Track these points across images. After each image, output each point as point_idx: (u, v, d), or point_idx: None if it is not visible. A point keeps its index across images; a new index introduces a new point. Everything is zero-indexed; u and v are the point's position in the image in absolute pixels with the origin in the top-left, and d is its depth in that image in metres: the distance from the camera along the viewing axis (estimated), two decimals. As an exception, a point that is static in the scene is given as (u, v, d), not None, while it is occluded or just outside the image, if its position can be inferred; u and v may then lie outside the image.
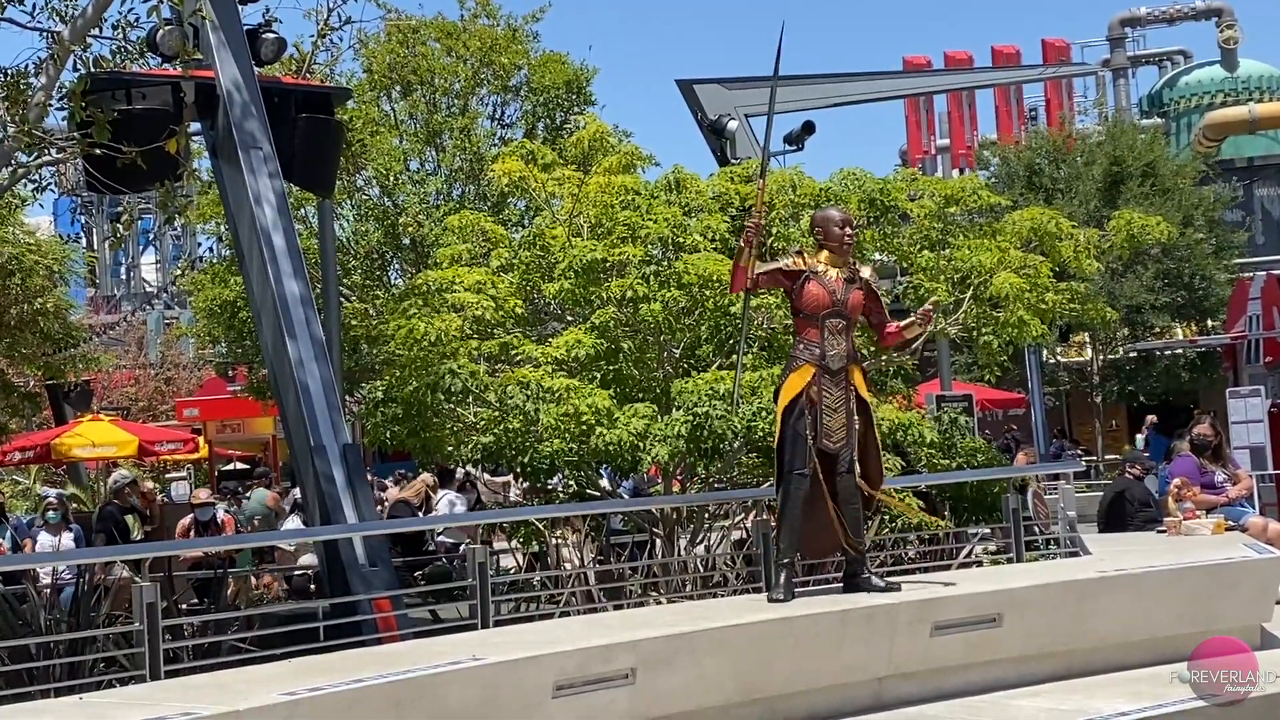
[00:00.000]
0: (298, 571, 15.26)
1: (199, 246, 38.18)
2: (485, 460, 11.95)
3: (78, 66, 10.73)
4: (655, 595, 10.20)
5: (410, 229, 18.95)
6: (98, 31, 10.83)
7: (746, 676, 7.17)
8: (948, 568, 10.60)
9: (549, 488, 12.05)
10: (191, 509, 16.95)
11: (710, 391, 10.70)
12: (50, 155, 11.99)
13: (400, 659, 6.48)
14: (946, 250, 12.73)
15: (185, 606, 12.57)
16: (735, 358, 9.55)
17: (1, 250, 19.21)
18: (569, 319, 12.34)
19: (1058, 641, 8.15)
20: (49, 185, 13.89)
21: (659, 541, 11.74)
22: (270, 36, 11.66)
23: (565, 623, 8.60)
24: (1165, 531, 10.98)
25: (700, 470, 11.65)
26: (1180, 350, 33.08)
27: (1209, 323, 32.77)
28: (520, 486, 15.24)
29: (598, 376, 11.43)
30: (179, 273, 39.76)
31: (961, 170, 45.18)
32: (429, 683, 6.12)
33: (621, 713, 6.70)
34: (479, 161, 19.47)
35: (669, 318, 11.39)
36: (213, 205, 17.53)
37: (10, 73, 10.56)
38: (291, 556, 15.92)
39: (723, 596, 9.74)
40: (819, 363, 7.88)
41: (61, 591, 12.32)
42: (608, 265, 11.40)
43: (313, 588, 14.13)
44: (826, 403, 7.86)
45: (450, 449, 12.40)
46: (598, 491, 11.99)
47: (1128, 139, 34.32)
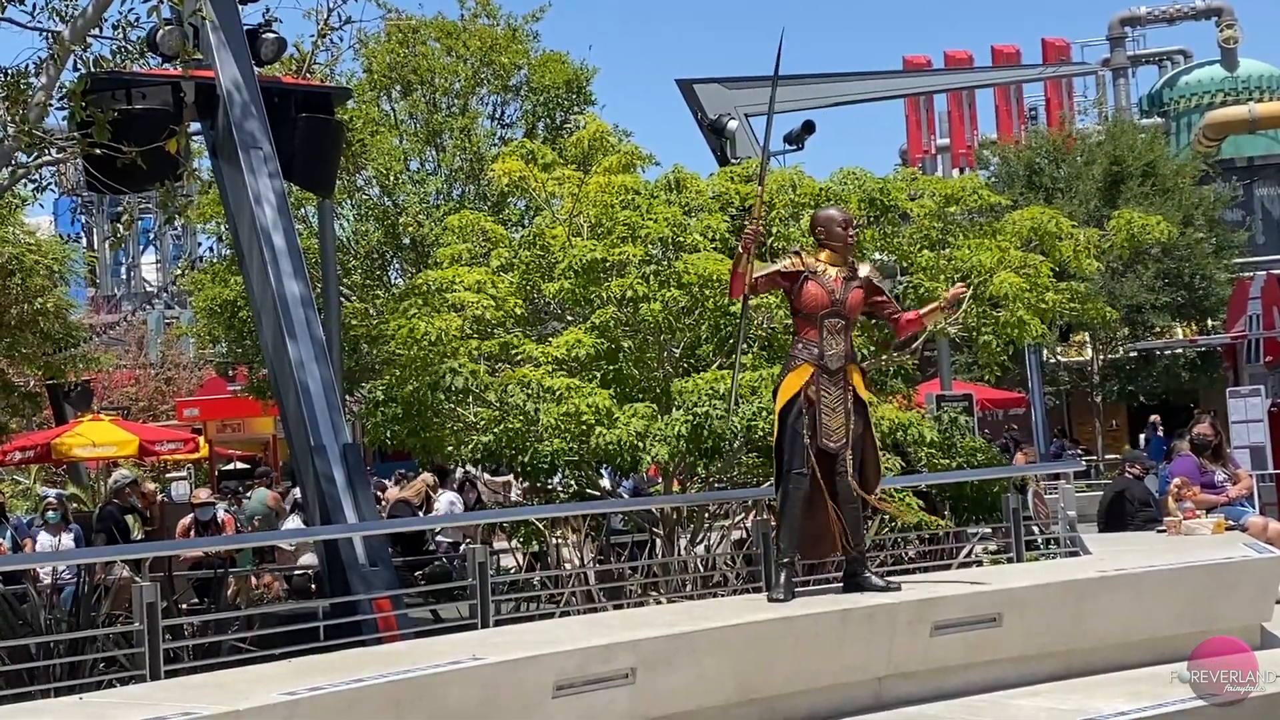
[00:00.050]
0: (298, 571, 15.26)
1: (199, 246, 38.29)
2: (485, 460, 11.94)
3: (78, 66, 10.73)
4: (655, 595, 10.19)
5: (410, 229, 18.95)
6: (98, 31, 10.82)
7: (746, 676, 7.17)
8: (948, 567, 10.60)
9: (549, 487, 12.05)
10: (192, 509, 16.95)
11: (710, 391, 10.69)
12: (50, 155, 11.98)
13: (400, 659, 6.48)
14: (946, 250, 12.74)
15: (185, 606, 12.57)
16: (734, 359, 9.55)
17: (2, 250, 19.20)
18: (569, 319, 12.33)
19: (1057, 641, 8.14)
20: (49, 185, 13.89)
21: (659, 541, 11.74)
22: (270, 36, 11.66)
23: (565, 622, 8.60)
24: (1165, 531, 10.97)
25: (700, 470, 11.64)
26: (1180, 350, 33.10)
27: (1209, 322, 32.80)
28: (520, 486, 15.24)
29: (598, 376, 11.42)
30: (179, 272, 39.80)
31: (961, 170, 45.17)
32: (429, 683, 6.12)
33: (621, 713, 6.70)
34: (479, 161, 19.46)
35: (669, 317, 11.38)
36: (213, 205, 17.51)
37: (10, 73, 10.55)
38: (292, 556, 15.92)
39: (723, 596, 9.73)
40: (817, 362, 7.88)
41: (62, 591, 12.32)
42: (608, 265, 11.40)
43: (313, 587, 14.13)
44: (825, 402, 7.86)
45: (450, 449, 12.40)
46: (598, 491, 11.99)
47: (1128, 138, 34.35)
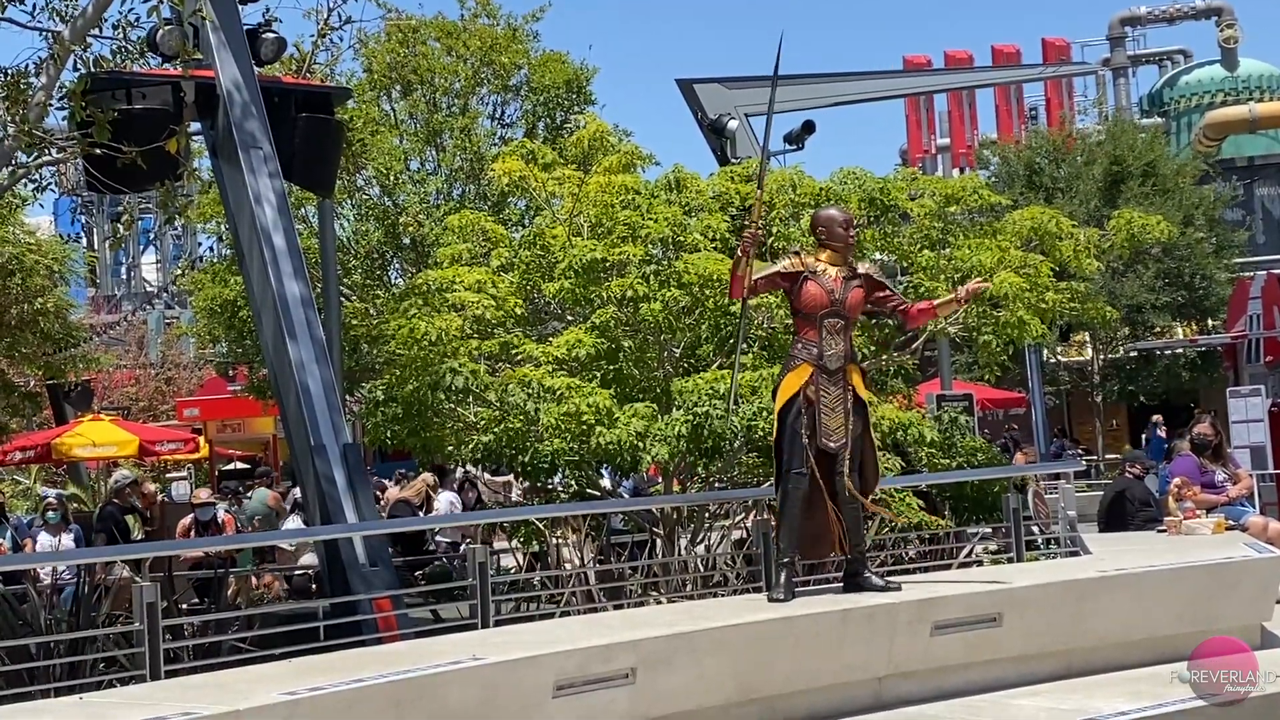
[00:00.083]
0: (298, 571, 15.26)
1: (199, 246, 38.32)
2: (485, 460, 11.94)
3: (78, 66, 10.73)
4: (655, 595, 10.19)
5: (410, 228, 18.95)
6: (98, 31, 10.82)
7: (747, 676, 7.17)
8: (948, 567, 10.60)
9: (549, 487, 12.05)
10: (192, 509, 16.94)
11: (710, 391, 10.69)
12: (50, 155, 11.98)
13: (400, 659, 6.48)
14: (947, 250, 12.74)
15: (185, 606, 12.57)
16: (733, 360, 9.56)
17: (2, 250, 19.18)
18: (569, 318, 12.33)
19: (1058, 641, 8.14)
20: (49, 185, 13.88)
21: (659, 541, 11.74)
22: (270, 36, 11.65)
23: (565, 622, 8.60)
24: (1165, 531, 10.97)
25: (700, 470, 11.64)
26: (1181, 350, 33.11)
27: (1209, 322, 32.81)
28: (521, 486, 15.24)
29: (598, 376, 11.42)
30: (179, 272, 39.80)
31: (962, 169, 45.17)
32: (429, 683, 6.12)
33: (621, 712, 6.69)
34: (479, 161, 19.46)
35: (669, 317, 11.38)
36: (213, 204, 17.51)
37: (10, 73, 10.54)
38: (292, 556, 15.92)
39: (723, 596, 9.73)
40: (816, 362, 7.88)
41: (62, 591, 12.32)
42: (608, 265, 11.40)
43: (314, 587, 14.13)
44: (824, 402, 7.85)
45: (450, 448, 12.40)
46: (598, 491, 11.99)
47: (1128, 138, 34.36)
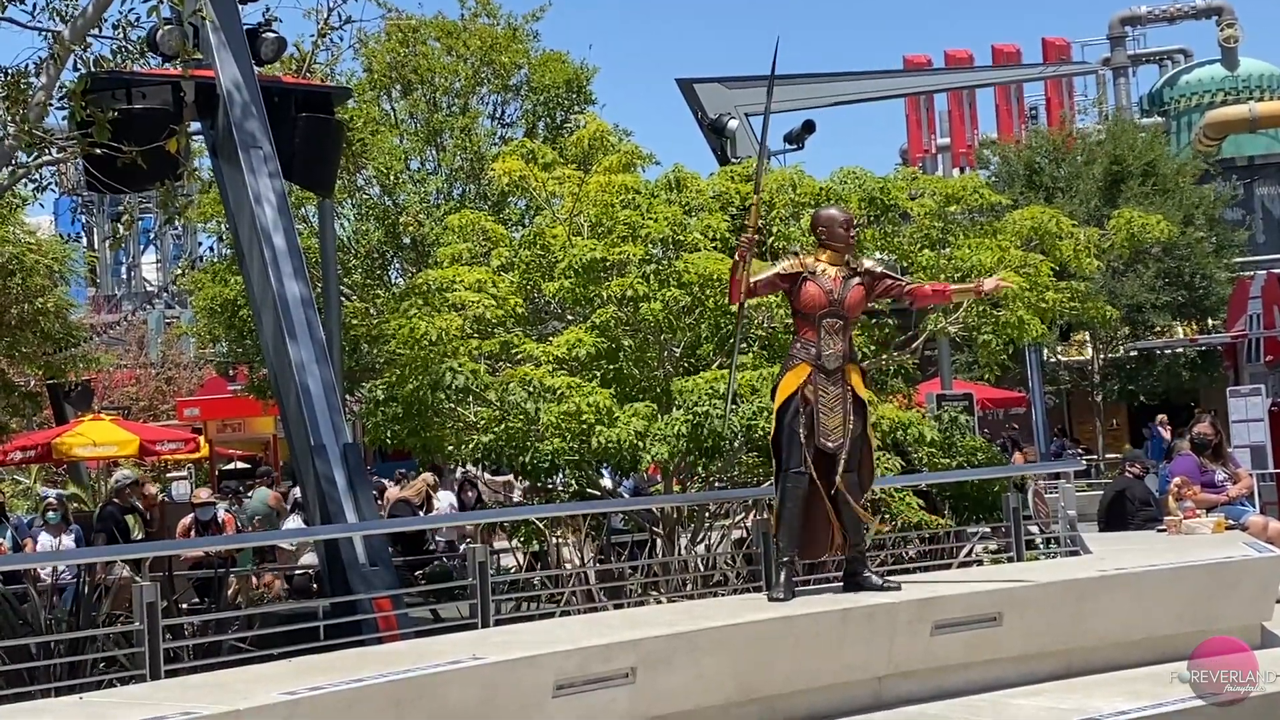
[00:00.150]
0: (299, 571, 15.26)
1: (199, 245, 38.34)
2: (485, 459, 11.94)
3: (78, 66, 10.73)
4: (655, 595, 10.19)
5: (411, 228, 18.95)
6: (98, 31, 10.82)
7: (747, 676, 7.17)
8: (948, 567, 10.61)
9: (550, 487, 12.06)
10: (192, 508, 16.95)
11: (710, 390, 10.69)
12: (50, 155, 11.98)
13: (400, 658, 6.47)
14: (947, 249, 12.74)
15: (186, 606, 12.57)
16: (731, 363, 9.56)
17: (2, 250, 19.17)
18: (569, 318, 12.33)
19: (1057, 641, 8.14)
20: (49, 185, 13.88)
21: (659, 541, 11.74)
22: (270, 36, 11.66)
23: (565, 622, 8.59)
24: (1166, 530, 10.97)
25: (700, 469, 11.64)
26: (1181, 349, 33.10)
27: (1209, 321, 32.81)
28: (522, 486, 15.24)
29: (598, 375, 11.42)
30: (179, 272, 39.80)
31: (962, 169, 45.18)
32: (429, 682, 6.12)
33: (621, 712, 6.69)
34: (479, 161, 19.47)
35: (669, 317, 11.38)
36: (213, 204, 17.51)
37: (10, 72, 10.54)
38: (292, 556, 15.92)
39: (723, 596, 9.73)
40: (815, 362, 7.87)
41: (63, 592, 12.32)
42: (608, 264, 11.40)
43: (314, 587, 14.13)
44: (822, 402, 7.84)
45: (450, 448, 12.40)
46: (599, 491, 11.99)
47: (1128, 138, 34.36)
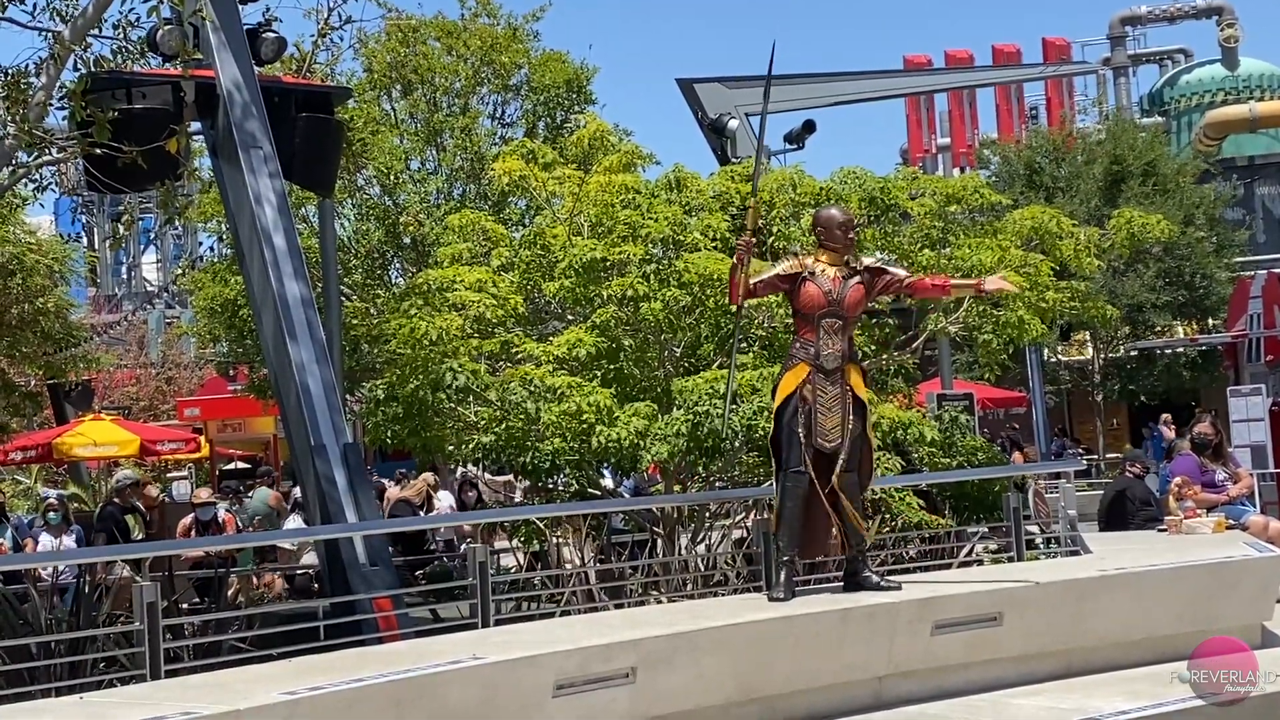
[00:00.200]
0: (299, 571, 15.25)
1: (200, 245, 38.33)
2: (486, 459, 11.94)
3: (78, 66, 10.74)
4: (656, 594, 10.19)
5: (411, 228, 18.97)
6: (98, 31, 10.83)
7: (747, 675, 7.17)
8: (948, 567, 10.60)
9: (550, 487, 12.06)
10: (193, 508, 16.95)
11: (711, 390, 10.69)
12: (51, 155, 11.99)
13: (400, 658, 6.47)
14: (947, 249, 12.74)
15: (186, 606, 12.56)
16: (730, 365, 9.56)
17: (2, 250, 19.19)
18: (570, 318, 12.34)
19: (1058, 641, 8.13)
20: (50, 185, 13.89)
21: (660, 540, 11.74)
22: (270, 36, 11.66)
23: (566, 622, 8.59)
24: (1166, 530, 10.97)
25: (701, 469, 11.64)
26: (1181, 349, 33.11)
27: (1210, 321, 32.81)
28: (522, 485, 15.24)
29: (599, 375, 11.42)
30: (180, 272, 39.78)
31: (962, 169, 45.17)
32: (429, 682, 6.12)
33: (622, 712, 6.69)
34: (479, 161, 19.48)
35: (670, 316, 11.38)
36: (214, 204, 17.52)
37: (11, 72, 10.55)
38: (293, 556, 15.92)
39: (723, 596, 9.72)
40: (813, 362, 7.87)
41: (63, 591, 12.31)
42: (608, 264, 11.40)
43: (315, 587, 14.13)
44: (821, 402, 7.83)
45: (451, 448, 12.40)
46: (599, 491, 11.99)
47: (1128, 138, 34.36)
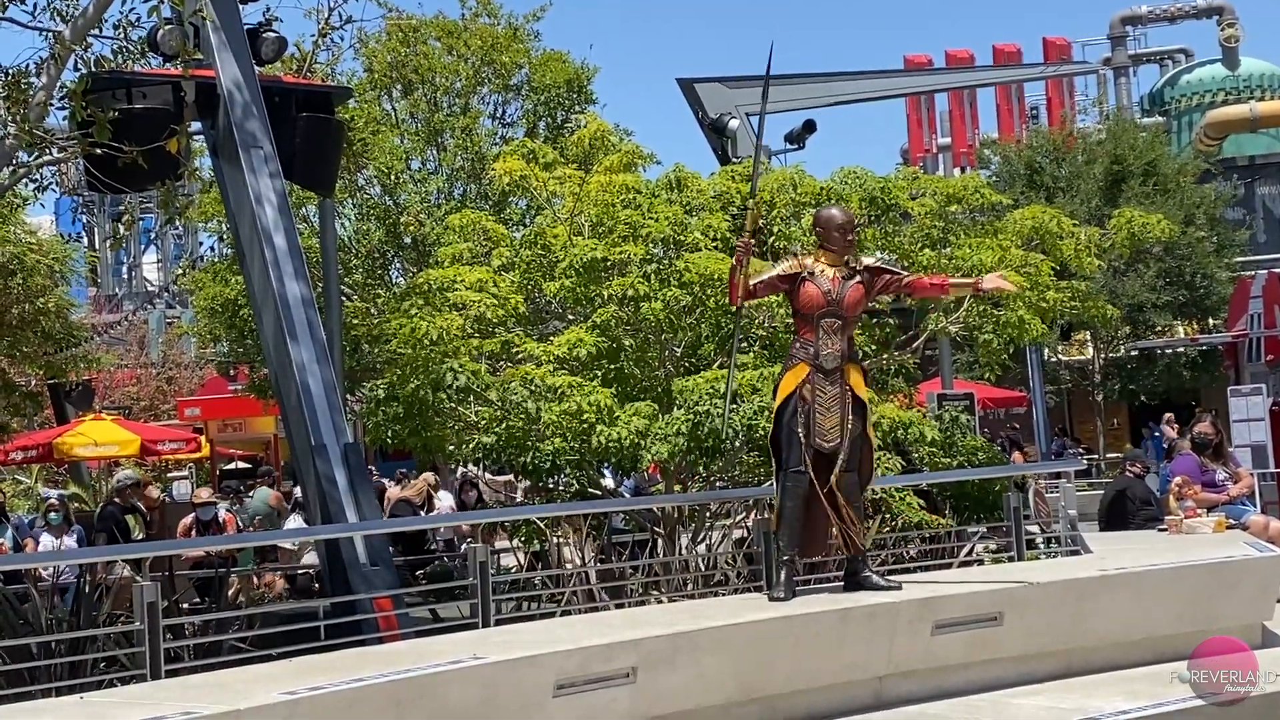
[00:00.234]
0: (300, 571, 15.26)
1: (200, 245, 38.35)
2: (486, 459, 11.94)
3: (78, 66, 10.74)
4: (656, 594, 10.19)
5: (411, 228, 18.97)
6: (98, 31, 10.83)
7: (747, 675, 7.17)
8: (948, 566, 10.60)
9: (550, 486, 12.07)
10: (193, 508, 16.95)
11: (711, 390, 10.69)
12: (51, 155, 11.99)
13: (401, 658, 6.47)
14: (948, 249, 12.74)
15: (186, 606, 12.57)
16: (729, 366, 9.56)
17: (3, 250, 19.19)
18: (570, 318, 12.34)
19: (1058, 640, 8.13)
20: (50, 185, 13.92)
21: (660, 540, 11.74)
22: (271, 36, 11.67)
23: (566, 622, 8.59)
24: (1166, 530, 10.97)
25: (701, 469, 11.65)
26: (1181, 349, 33.10)
27: (1210, 321, 32.80)
28: (523, 485, 15.25)
29: (599, 375, 11.43)
30: (180, 272, 39.78)
31: (963, 169, 45.17)
32: (429, 682, 6.12)
33: (622, 712, 6.69)
34: (480, 160, 19.49)
35: (670, 316, 11.38)
36: (214, 204, 17.54)
37: (11, 72, 10.55)
38: (294, 555, 15.92)
39: (724, 595, 9.72)
40: (813, 362, 7.87)
41: (64, 591, 12.31)
42: (609, 264, 11.40)
43: (315, 587, 14.13)
44: (820, 402, 7.83)
45: (451, 448, 12.40)
46: (600, 490, 11.99)
47: (1129, 137, 34.35)
